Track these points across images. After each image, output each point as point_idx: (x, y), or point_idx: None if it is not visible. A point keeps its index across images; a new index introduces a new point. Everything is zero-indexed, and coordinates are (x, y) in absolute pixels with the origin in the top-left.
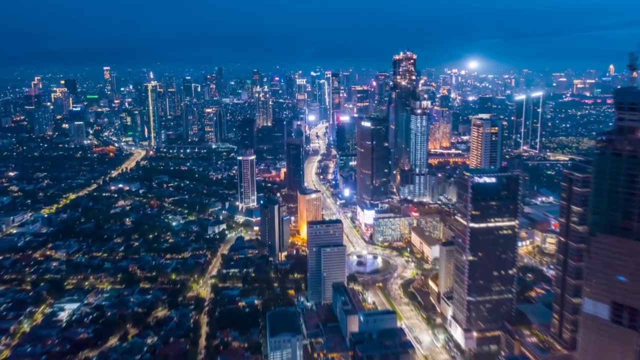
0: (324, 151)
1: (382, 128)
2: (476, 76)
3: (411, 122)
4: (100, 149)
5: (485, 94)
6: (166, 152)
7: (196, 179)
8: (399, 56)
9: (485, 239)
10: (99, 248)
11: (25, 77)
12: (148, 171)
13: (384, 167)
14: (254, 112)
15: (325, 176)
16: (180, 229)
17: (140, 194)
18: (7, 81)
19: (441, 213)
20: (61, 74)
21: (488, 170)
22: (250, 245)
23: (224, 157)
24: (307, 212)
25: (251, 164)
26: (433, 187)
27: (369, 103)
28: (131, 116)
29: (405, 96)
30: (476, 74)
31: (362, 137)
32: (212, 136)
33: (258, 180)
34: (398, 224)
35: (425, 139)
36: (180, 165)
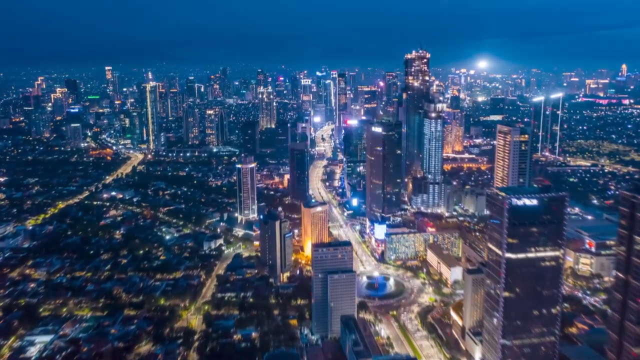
0: (329, 155)
1: (395, 134)
2: (485, 76)
3: (424, 126)
4: (97, 152)
5: (496, 94)
6: (165, 156)
7: (194, 186)
8: (411, 55)
9: (524, 271)
10: (83, 266)
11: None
12: (144, 177)
13: (397, 176)
14: (257, 113)
15: (332, 183)
16: (174, 243)
17: (133, 202)
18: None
19: (460, 228)
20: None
21: (527, 190)
22: (248, 264)
23: (225, 162)
24: (312, 227)
25: (251, 172)
26: (448, 197)
27: (376, 104)
28: (129, 118)
29: (417, 98)
30: (485, 74)
31: (372, 143)
32: (213, 139)
33: (260, 188)
34: (412, 241)
35: (440, 144)
36: (179, 171)
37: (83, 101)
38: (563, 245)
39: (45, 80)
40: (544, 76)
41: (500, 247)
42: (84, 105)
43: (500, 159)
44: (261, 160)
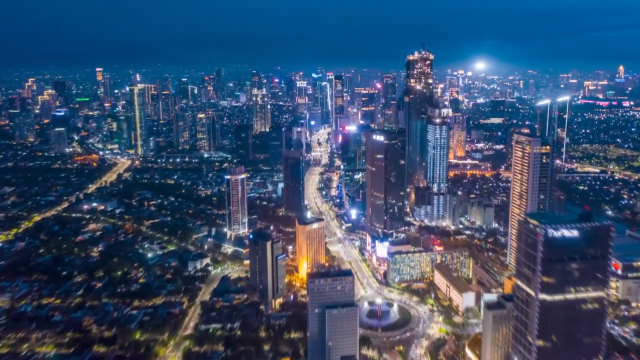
0: (326, 161)
1: (398, 143)
2: (483, 78)
3: (428, 132)
4: (82, 158)
5: (495, 96)
6: (153, 162)
7: (182, 195)
8: (413, 56)
9: (562, 316)
10: (53, 291)
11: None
12: (130, 185)
13: (400, 189)
14: (252, 116)
15: (328, 191)
16: (156, 262)
17: (116, 215)
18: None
19: (470, 247)
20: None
21: (565, 218)
22: (237, 288)
23: (216, 168)
24: (308, 246)
25: (242, 183)
26: (454, 209)
27: (374, 107)
28: (117, 122)
29: (420, 102)
30: (483, 76)
31: (373, 152)
32: (204, 144)
33: (252, 197)
34: (418, 261)
35: (445, 152)
36: (167, 178)
37: (73, 103)
38: (607, 285)
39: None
40: (540, 77)
41: (533, 285)
42: (72, 107)
43: (518, 172)
44: (254, 166)
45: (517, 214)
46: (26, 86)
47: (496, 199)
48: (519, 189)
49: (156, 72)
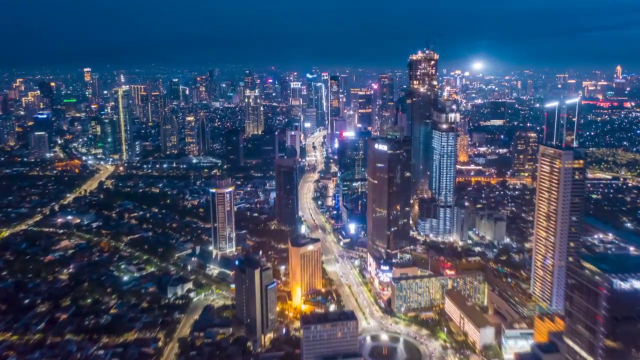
0: (321, 167)
1: (403, 153)
2: (481, 78)
3: (433, 139)
4: (64, 164)
5: (493, 97)
6: (139, 168)
7: (167, 206)
8: (417, 56)
9: None
10: (10, 324)
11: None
12: (110, 195)
13: (405, 204)
14: (244, 118)
15: (324, 201)
16: (132, 287)
17: (92, 229)
18: None
19: (485, 270)
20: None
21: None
22: (221, 321)
23: (205, 175)
24: (302, 270)
25: (229, 197)
26: (462, 223)
27: (371, 109)
28: (101, 125)
29: (424, 106)
30: (481, 76)
31: (375, 163)
32: (193, 148)
33: (242, 208)
34: (426, 286)
35: (452, 161)
36: (152, 187)
37: (61, 104)
38: None
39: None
40: (536, 77)
41: (592, 351)
42: (58, 109)
43: (545, 189)
44: (245, 173)
45: (543, 237)
46: (14, 86)
47: (505, 209)
48: (545, 209)
49: (149, 72)
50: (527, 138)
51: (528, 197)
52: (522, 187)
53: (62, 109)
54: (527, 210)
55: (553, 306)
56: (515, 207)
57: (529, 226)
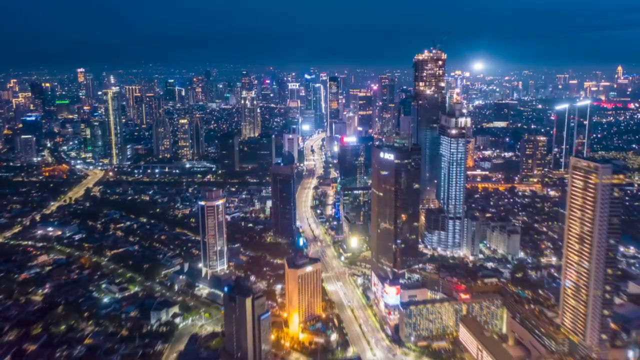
0: (320, 172)
1: (411, 162)
2: (482, 79)
3: (442, 145)
4: (51, 169)
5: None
6: (129, 173)
7: (156, 216)
8: (423, 56)
9: None
10: None
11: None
12: (97, 203)
13: (413, 219)
14: (241, 120)
15: (324, 210)
16: (111, 311)
17: (74, 242)
18: None
19: (503, 294)
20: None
21: None
22: (209, 354)
23: (198, 181)
24: (300, 295)
25: (220, 210)
26: (473, 237)
27: (372, 111)
28: (90, 128)
29: (430, 109)
30: (482, 76)
31: (380, 173)
32: (187, 152)
33: (236, 218)
34: (438, 312)
35: (462, 169)
36: (141, 194)
37: (53, 106)
38: None
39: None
40: (536, 78)
41: None
42: (51, 110)
43: (578, 207)
44: (240, 178)
45: (575, 262)
46: (8, 87)
47: (516, 219)
48: (578, 230)
49: (147, 72)
50: (535, 142)
51: (539, 205)
52: (532, 194)
53: (54, 110)
54: (540, 220)
55: (587, 341)
56: (526, 217)
57: (543, 238)
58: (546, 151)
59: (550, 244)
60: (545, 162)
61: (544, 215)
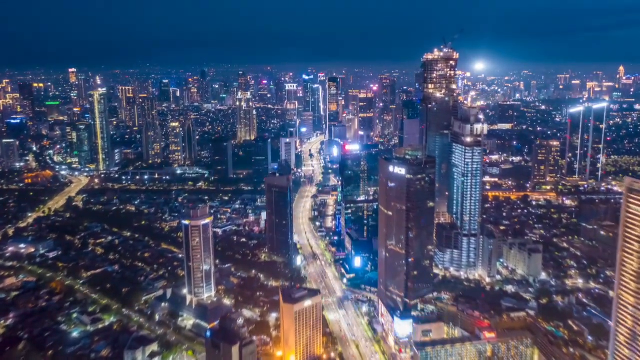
0: (320, 178)
1: (426, 177)
2: (483, 79)
3: (454, 154)
4: (34, 175)
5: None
6: (116, 181)
7: (142, 229)
8: (433, 55)
9: None
10: None
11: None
12: (78, 215)
13: (428, 241)
14: (236, 122)
15: (324, 222)
16: (79, 349)
17: (47, 261)
18: None
19: (534, 331)
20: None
21: None
22: None
23: (190, 189)
24: (297, 333)
25: (206, 230)
26: (490, 256)
27: (373, 114)
28: (76, 131)
29: (441, 114)
30: (483, 77)
31: (390, 189)
32: (178, 157)
33: (228, 232)
34: (459, 354)
35: (478, 182)
36: (127, 204)
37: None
38: None
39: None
40: (536, 78)
41: None
42: (41, 111)
43: (635, 238)
44: (235, 186)
45: (631, 304)
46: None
47: (533, 232)
48: (636, 266)
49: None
50: (548, 147)
51: (556, 216)
52: (547, 204)
53: (45, 111)
54: (559, 233)
55: None
56: (543, 229)
57: (565, 255)
58: (560, 156)
59: (573, 263)
60: (558, 168)
61: (563, 229)
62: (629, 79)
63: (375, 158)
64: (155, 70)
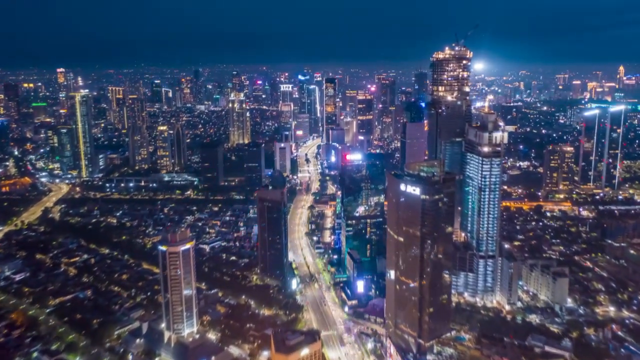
0: (316, 186)
1: (444, 198)
2: (482, 79)
3: (469, 165)
4: (11, 182)
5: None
6: (99, 189)
7: (122, 245)
8: (444, 54)
9: None
10: None
11: None
12: (54, 228)
13: (446, 273)
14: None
15: (321, 236)
16: None
17: (12, 285)
18: None
19: None
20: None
21: None
22: None
23: (178, 197)
24: None
25: (187, 257)
26: (510, 280)
27: (372, 116)
28: (58, 135)
29: (452, 119)
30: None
31: (401, 212)
32: (166, 162)
33: (216, 249)
34: None
35: (496, 197)
36: (108, 215)
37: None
38: None
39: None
40: (535, 78)
41: None
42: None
43: None
44: (225, 195)
45: None
46: None
47: (551, 249)
48: None
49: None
50: (561, 152)
51: (574, 230)
52: (562, 215)
53: (31, 112)
54: (579, 250)
55: None
56: (563, 246)
57: (590, 277)
58: (573, 162)
59: (601, 286)
60: (571, 176)
61: (583, 244)
62: (630, 79)
63: (379, 168)
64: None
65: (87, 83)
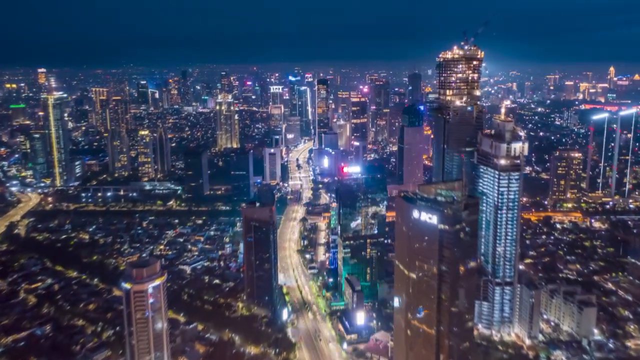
0: (309, 195)
1: (466, 228)
2: None
3: (482, 179)
4: None
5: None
6: (74, 200)
7: (91, 266)
8: (452, 53)
9: None
10: None
11: None
12: (18, 247)
13: (468, 317)
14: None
15: (315, 253)
16: None
17: None
18: None
19: None
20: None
21: None
22: None
23: (159, 208)
24: None
25: (157, 296)
26: (531, 311)
27: (366, 119)
28: (30, 140)
29: (461, 127)
30: None
31: (413, 243)
32: (148, 169)
33: (198, 270)
34: None
35: (515, 216)
36: (80, 230)
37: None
38: None
39: None
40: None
41: None
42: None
43: None
44: (210, 206)
45: None
46: None
47: (567, 268)
48: None
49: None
50: (569, 159)
51: (588, 244)
52: (573, 227)
53: (10, 114)
54: (598, 269)
55: None
56: (579, 264)
57: (614, 301)
58: (581, 169)
59: (628, 313)
60: (578, 183)
61: (601, 262)
62: (622, 79)
63: (380, 182)
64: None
65: (73, 84)
